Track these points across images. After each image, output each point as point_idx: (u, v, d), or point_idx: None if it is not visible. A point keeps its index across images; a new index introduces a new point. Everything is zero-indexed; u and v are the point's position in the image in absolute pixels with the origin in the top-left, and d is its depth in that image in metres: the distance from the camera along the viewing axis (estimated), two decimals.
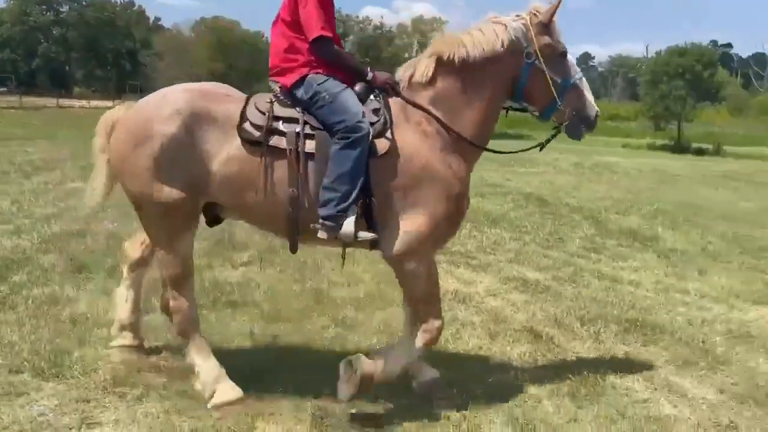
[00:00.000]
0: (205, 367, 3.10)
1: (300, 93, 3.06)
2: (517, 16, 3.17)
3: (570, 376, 3.54)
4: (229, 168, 2.95)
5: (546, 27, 3.13)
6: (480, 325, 4.35)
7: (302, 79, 3.06)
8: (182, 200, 2.96)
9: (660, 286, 5.49)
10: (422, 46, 52.06)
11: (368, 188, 2.95)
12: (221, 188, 2.98)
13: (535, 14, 3.15)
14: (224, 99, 3.06)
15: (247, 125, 2.96)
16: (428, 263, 3.16)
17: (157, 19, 68.79)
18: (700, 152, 30.83)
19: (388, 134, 3.00)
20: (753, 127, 43.20)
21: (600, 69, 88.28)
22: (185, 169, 2.93)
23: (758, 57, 72.70)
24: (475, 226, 7.51)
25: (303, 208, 2.95)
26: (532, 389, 3.40)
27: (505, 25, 3.11)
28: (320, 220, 2.93)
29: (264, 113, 2.98)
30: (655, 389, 3.47)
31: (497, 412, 3.13)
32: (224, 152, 2.95)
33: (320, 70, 3.07)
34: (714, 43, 73.28)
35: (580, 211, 9.08)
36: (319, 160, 2.96)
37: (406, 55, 50.25)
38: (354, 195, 2.90)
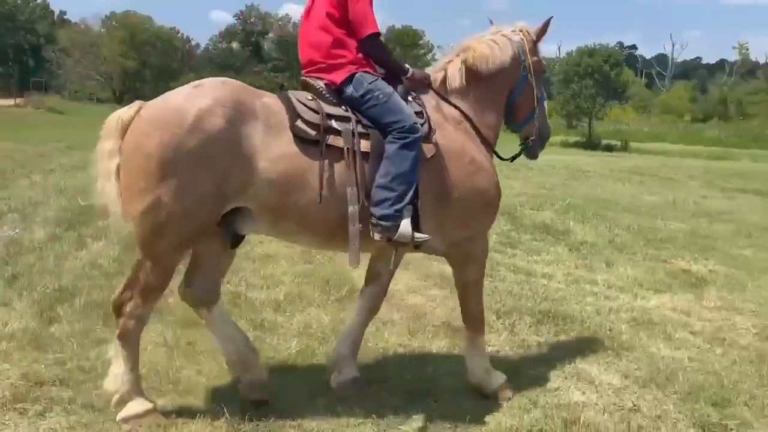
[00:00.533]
0: (126, 377, 2.86)
1: (349, 91, 3.00)
2: (513, 31, 3.38)
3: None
4: (279, 167, 2.75)
5: (535, 45, 3.40)
6: (400, 322, 4.39)
7: (351, 76, 3.01)
8: (209, 203, 2.69)
9: (571, 278, 5.73)
10: None
11: (416, 191, 2.94)
12: (266, 189, 2.75)
13: (527, 32, 3.38)
14: (260, 93, 2.94)
15: (300, 123, 2.83)
16: (486, 249, 3.40)
17: (63, 12, 65.07)
18: (609, 149, 32.40)
19: (433, 138, 3.05)
20: (656, 124, 45.93)
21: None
22: (223, 167, 2.67)
23: (660, 58, 77.20)
24: None
25: (361, 208, 2.86)
26: (449, 382, 3.47)
27: (510, 38, 3.34)
28: (375, 220, 2.87)
29: (316, 111, 2.88)
30: (566, 377, 3.62)
31: (414, 406, 3.17)
32: (273, 150, 2.75)
33: (369, 69, 3.06)
34: (620, 44, 77.25)
35: None
36: (372, 159, 2.92)
37: None
38: (410, 195, 2.89)
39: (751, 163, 24.30)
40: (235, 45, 54.91)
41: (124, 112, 2.78)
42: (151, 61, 48.18)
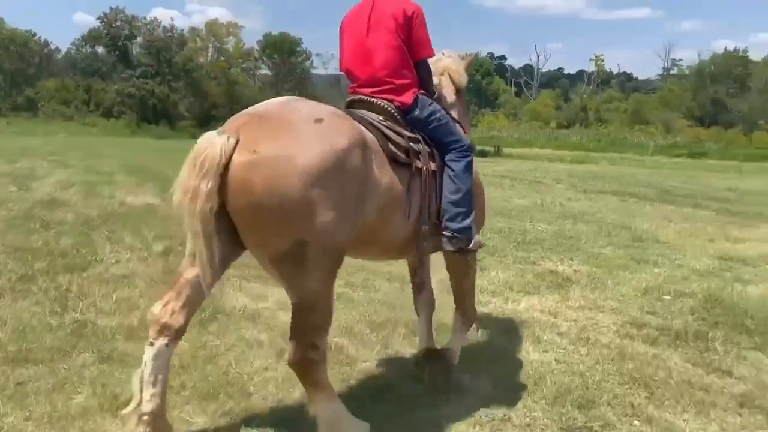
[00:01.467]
0: (344, 417, 2.77)
1: (416, 112, 3.12)
2: (459, 56, 3.88)
3: (355, 385, 3.47)
4: (386, 192, 2.80)
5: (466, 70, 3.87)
6: (268, 343, 4.12)
7: (416, 98, 3.14)
8: (351, 236, 2.64)
9: (445, 284, 5.70)
10: (219, 50, 50.67)
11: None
12: (372, 215, 2.75)
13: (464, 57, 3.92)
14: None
15: (392, 146, 2.90)
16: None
17: None
18: (483, 154, 33.68)
19: None
20: (526, 130, 48.62)
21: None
22: (363, 199, 2.65)
23: (527, 68, 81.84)
24: None
25: (431, 224, 3.08)
26: None
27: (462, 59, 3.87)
28: (451, 233, 3.10)
29: (399, 134, 2.98)
30: (436, 390, 3.52)
31: None
32: (383, 177, 2.78)
33: (421, 90, 3.22)
34: (491, 55, 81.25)
35: None
36: (440, 177, 3.12)
37: (201, 59, 48.47)
38: (473, 208, 3.18)
39: (609, 165, 26.22)
40: (100, 49, 51.55)
41: (223, 147, 2.39)
42: (3, 66, 44.08)
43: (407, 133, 3.03)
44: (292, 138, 2.46)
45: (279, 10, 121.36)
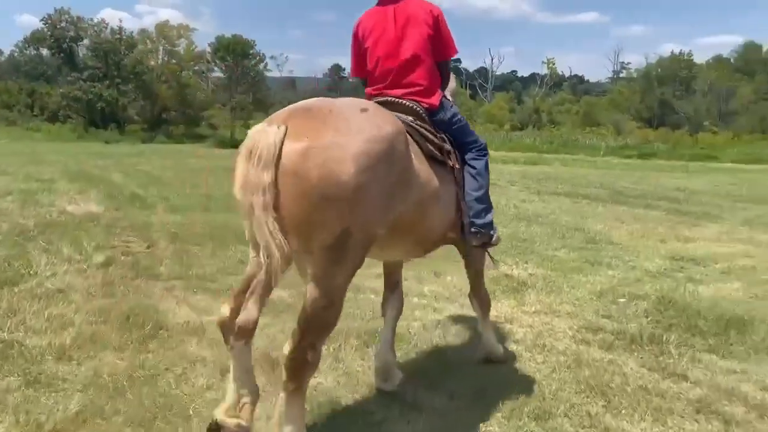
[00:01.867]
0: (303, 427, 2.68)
1: (441, 114, 3.18)
2: None
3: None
4: (424, 188, 2.87)
5: None
6: (212, 360, 3.88)
7: (441, 100, 3.23)
8: (386, 229, 2.68)
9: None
10: (170, 53, 49.48)
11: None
12: (411, 210, 2.83)
13: None
14: None
15: (429, 145, 3.01)
16: None
17: None
18: None
19: None
20: (482, 132, 48.97)
21: (350, 80, 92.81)
22: (405, 188, 2.72)
23: (482, 71, 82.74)
24: (219, 245, 7.00)
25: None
26: (257, 426, 3.06)
27: None
28: (476, 229, 3.23)
29: (431, 133, 3.06)
30: (390, 405, 3.36)
31: None
32: (422, 170, 2.86)
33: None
34: None
35: None
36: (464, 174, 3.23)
37: (152, 62, 47.27)
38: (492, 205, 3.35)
39: (561, 167, 26.59)
40: (45, 51, 49.81)
41: (276, 136, 2.39)
42: None
43: (438, 133, 3.15)
44: (343, 125, 2.48)
45: (232, 12, 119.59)
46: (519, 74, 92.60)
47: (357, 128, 2.49)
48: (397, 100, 3.09)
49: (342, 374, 3.76)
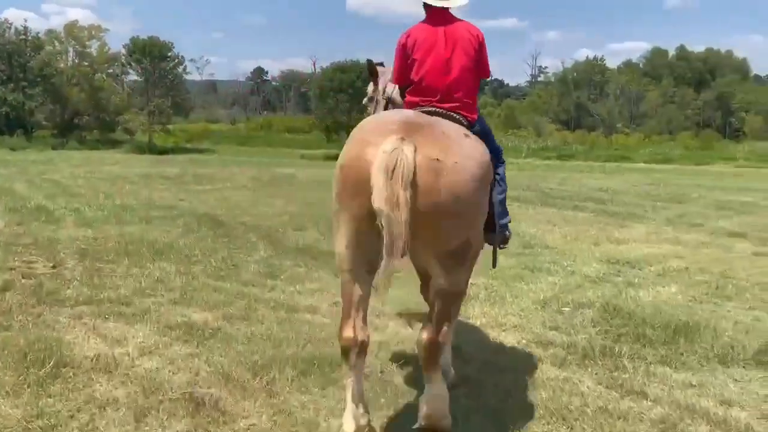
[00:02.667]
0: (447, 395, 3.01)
1: (477, 126, 3.41)
2: None
3: None
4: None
5: None
6: (126, 401, 3.37)
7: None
8: None
9: (336, 308, 5.18)
10: (81, 55, 46.87)
11: None
12: None
13: None
14: None
15: None
16: None
17: None
18: None
19: None
20: None
21: (274, 83, 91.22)
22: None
23: None
24: (136, 262, 6.39)
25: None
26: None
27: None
28: (500, 228, 3.50)
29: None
30: None
31: None
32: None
33: None
34: (370, 61, 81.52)
35: (257, 230, 8.57)
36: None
37: (62, 64, 44.64)
38: None
39: None
40: None
41: (412, 156, 2.65)
42: None
43: None
44: (461, 149, 2.88)
45: (149, 13, 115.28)
46: None
47: (470, 153, 2.91)
48: (448, 112, 3.31)
49: (278, 412, 3.33)
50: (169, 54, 44.84)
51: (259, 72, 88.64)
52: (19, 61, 39.75)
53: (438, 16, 3.43)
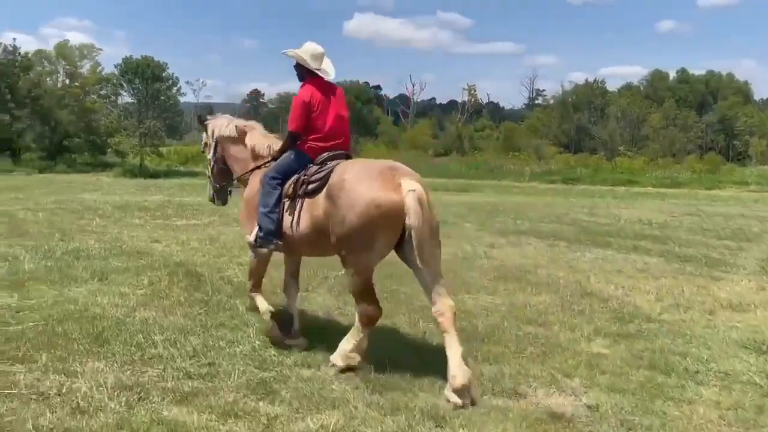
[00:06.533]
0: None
1: None
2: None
3: None
4: None
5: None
6: None
7: None
8: None
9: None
10: (71, 75, 44.89)
11: None
12: None
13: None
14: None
15: None
16: None
17: None
18: None
19: None
20: (406, 159, 47.16)
21: (270, 106, 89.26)
22: None
23: (403, 97, 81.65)
24: (57, 360, 4.19)
25: None
26: None
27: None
28: None
29: None
30: None
31: None
32: None
33: None
34: (366, 84, 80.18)
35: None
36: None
37: (50, 82, 42.70)
38: None
39: (496, 194, 24.95)
40: None
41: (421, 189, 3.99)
42: None
43: None
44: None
45: (146, 36, 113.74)
46: (438, 101, 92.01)
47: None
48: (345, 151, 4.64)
49: None
50: (163, 74, 43.05)
51: (257, 94, 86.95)
52: (7, 82, 37.91)
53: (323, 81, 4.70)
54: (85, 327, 4.82)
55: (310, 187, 4.26)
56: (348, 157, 4.53)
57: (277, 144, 4.78)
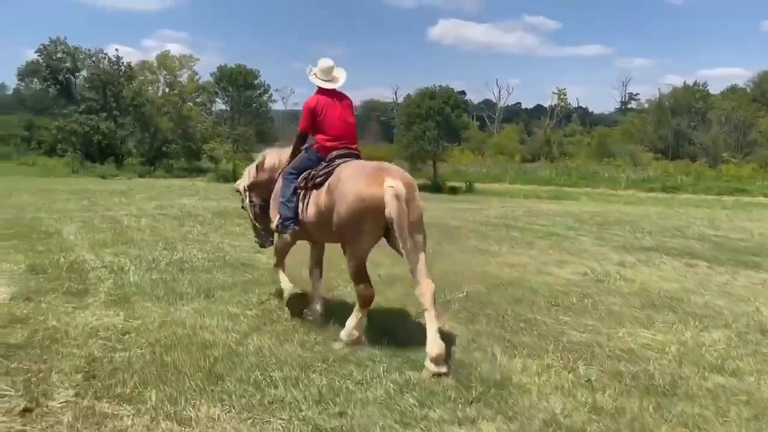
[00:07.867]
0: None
1: None
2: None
3: None
4: None
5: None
6: None
7: None
8: None
9: None
10: (171, 84, 46.67)
11: None
12: None
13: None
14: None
15: None
16: None
17: None
18: (454, 191, 30.89)
19: None
20: (492, 165, 45.91)
21: (355, 113, 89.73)
22: None
23: (488, 103, 79.92)
24: (166, 399, 3.67)
25: None
26: None
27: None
28: None
29: None
30: None
31: None
32: None
33: None
34: (451, 89, 78.83)
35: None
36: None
37: (151, 91, 44.51)
38: None
39: (591, 202, 23.42)
40: (40, 83, 46.99)
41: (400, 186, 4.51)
42: None
43: None
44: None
45: (238, 46, 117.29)
46: (523, 106, 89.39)
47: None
48: (352, 149, 5.26)
49: None
50: (255, 82, 43.93)
51: None
52: (112, 91, 39.81)
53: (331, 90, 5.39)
54: (195, 357, 4.29)
55: (317, 180, 4.93)
56: (357, 157, 5.18)
57: (287, 152, 5.53)
